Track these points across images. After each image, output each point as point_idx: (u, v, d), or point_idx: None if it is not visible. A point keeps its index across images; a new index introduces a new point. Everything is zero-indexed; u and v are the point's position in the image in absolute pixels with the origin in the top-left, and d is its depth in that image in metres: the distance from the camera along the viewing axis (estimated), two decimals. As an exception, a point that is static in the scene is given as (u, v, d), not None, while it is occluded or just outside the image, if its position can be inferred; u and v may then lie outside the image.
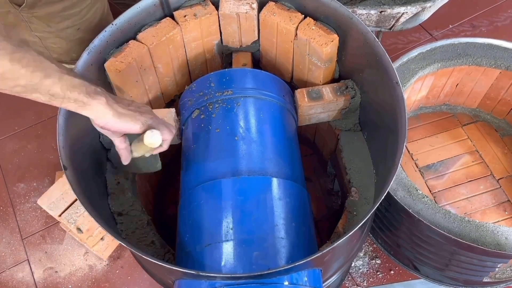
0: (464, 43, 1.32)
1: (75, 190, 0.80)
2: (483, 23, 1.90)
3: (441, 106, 1.53)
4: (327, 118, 1.10)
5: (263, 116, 0.98)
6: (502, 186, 1.39)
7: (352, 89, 1.04)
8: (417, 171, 1.42)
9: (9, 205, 1.54)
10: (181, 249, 0.87)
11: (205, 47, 1.13)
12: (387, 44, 1.84)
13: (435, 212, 1.06)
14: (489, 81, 1.37)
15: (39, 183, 1.57)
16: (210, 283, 0.74)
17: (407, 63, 1.30)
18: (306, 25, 1.02)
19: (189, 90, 1.04)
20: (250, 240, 0.81)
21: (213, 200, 0.86)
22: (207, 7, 1.06)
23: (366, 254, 1.38)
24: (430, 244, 1.12)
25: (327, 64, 1.04)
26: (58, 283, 1.39)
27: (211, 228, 0.84)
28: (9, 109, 1.76)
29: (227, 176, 0.88)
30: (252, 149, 0.92)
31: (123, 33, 1.00)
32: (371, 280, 1.34)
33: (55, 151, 0.81)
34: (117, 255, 1.42)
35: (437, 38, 1.86)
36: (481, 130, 1.49)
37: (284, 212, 0.85)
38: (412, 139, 1.48)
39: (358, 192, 0.99)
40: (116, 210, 0.97)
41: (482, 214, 1.34)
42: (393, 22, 1.23)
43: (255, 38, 1.13)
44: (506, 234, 1.02)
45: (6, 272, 1.42)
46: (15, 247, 1.46)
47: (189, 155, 0.97)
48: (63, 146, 0.83)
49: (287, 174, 0.92)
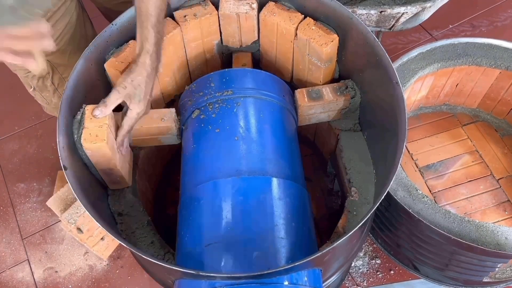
0: (464, 43, 1.32)
1: (75, 190, 0.80)
2: (483, 23, 1.90)
3: (441, 106, 1.53)
4: (327, 118, 1.10)
5: (263, 116, 0.98)
6: (502, 186, 1.39)
7: (352, 89, 1.04)
8: (417, 171, 1.42)
9: (9, 205, 1.54)
10: (181, 249, 0.87)
11: (205, 47, 1.13)
12: (387, 44, 1.84)
13: (435, 212, 1.06)
14: (489, 81, 1.37)
15: (39, 183, 1.57)
16: (210, 283, 0.74)
17: (407, 63, 1.30)
18: (306, 25, 1.02)
19: (189, 90, 1.04)
20: (250, 240, 0.81)
21: (213, 200, 0.86)
22: (207, 7, 1.06)
23: (366, 254, 1.38)
24: (430, 244, 1.12)
25: (327, 64, 1.04)
26: (58, 283, 1.39)
27: (211, 228, 0.84)
28: (9, 109, 1.76)
29: (227, 176, 0.88)
30: (252, 149, 0.92)
31: (123, 33, 1.00)
32: (371, 280, 1.34)
33: (55, 151, 0.81)
34: (117, 255, 1.42)
35: (437, 38, 1.86)
36: (481, 130, 1.49)
37: (284, 212, 0.85)
38: (412, 139, 1.48)
39: (358, 192, 0.99)
40: (116, 210, 0.97)
41: (482, 214, 1.34)
42: (393, 22, 1.23)
43: (255, 38, 1.13)
44: (506, 234, 1.02)
45: (6, 272, 1.42)
46: (15, 247, 1.46)
47: (189, 155, 0.97)
48: (63, 146, 0.83)
49: (287, 174, 0.92)
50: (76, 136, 0.86)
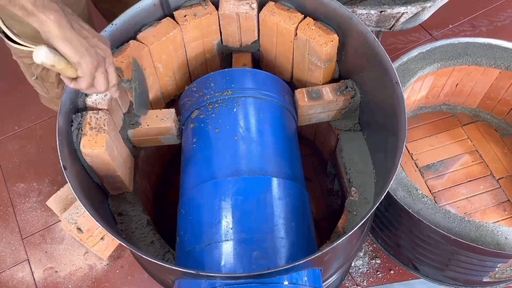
0: (464, 43, 1.32)
1: (75, 190, 0.80)
2: (483, 23, 1.90)
3: (441, 106, 1.53)
4: (327, 118, 1.10)
5: (263, 116, 0.98)
6: (502, 186, 1.39)
7: (352, 89, 1.04)
8: (417, 171, 1.42)
9: (9, 205, 1.54)
10: (181, 249, 0.87)
11: (205, 47, 1.13)
12: (387, 44, 1.84)
13: (435, 212, 1.06)
14: (489, 81, 1.37)
15: (39, 183, 1.57)
16: (210, 283, 0.74)
17: (407, 63, 1.30)
18: (306, 25, 1.02)
19: (189, 90, 1.05)
20: (250, 240, 0.81)
21: (213, 200, 0.86)
22: (207, 7, 1.06)
23: (366, 254, 1.38)
24: (430, 244, 1.12)
25: (327, 64, 1.04)
26: (58, 283, 1.39)
27: (211, 228, 0.84)
28: (9, 109, 1.76)
29: (227, 176, 0.88)
30: (252, 149, 0.92)
31: (123, 33, 1.00)
32: (371, 280, 1.34)
33: (55, 151, 0.81)
34: (117, 255, 1.42)
35: (437, 38, 1.86)
36: (481, 130, 1.49)
37: (284, 212, 0.85)
38: (412, 139, 1.48)
39: (358, 192, 0.99)
40: (116, 210, 0.97)
41: (482, 214, 1.34)
42: (393, 22, 1.23)
43: (255, 38, 1.13)
44: (506, 234, 1.02)
45: (6, 272, 1.42)
46: (15, 247, 1.46)
47: (189, 155, 0.97)
48: (63, 146, 0.83)
49: (287, 174, 0.92)
50: (75, 144, 0.86)
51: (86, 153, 0.85)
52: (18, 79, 1.16)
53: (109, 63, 0.78)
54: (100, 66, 0.76)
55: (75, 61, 0.72)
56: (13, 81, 1.77)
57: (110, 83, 0.80)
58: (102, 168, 0.89)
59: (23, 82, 1.19)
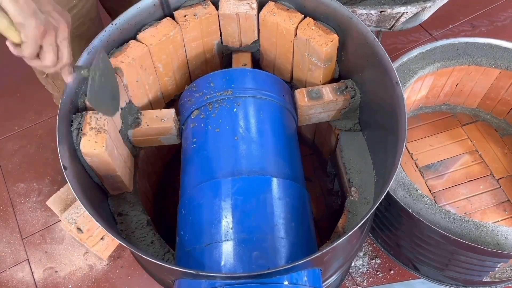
0: (464, 43, 1.32)
1: (75, 190, 0.80)
2: (483, 23, 1.90)
3: (441, 106, 1.53)
4: (327, 118, 1.10)
5: (263, 116, 0.98)
6: (502, 186, 1.39)
7: (352, 89, 1.04)
8: (417, 171, 1.42)
9: (9, 205, 1.54)
10: (181, 249, 0.87)
11: (205, 47, 1.13)
12: (387, 44, 1.84)
13: (435, 212, 1.06)
14: (489, 81, 1.37)
15: (39, 183, 1.57)
16: (210, 283, 0.74)
17: (407, 63, 1.30)
18: (306, 25, 1.02)
19: (189, 90, 1.05)
20: (250, 240, 0.81)
21: (213, 200, 0.86)
22: (207, 7, 1.06)
23: (366, 254, 1.38)
24: (430, 244, 1.12)
25: (326, 64, 1.04)
26: (58, 283, 1.39)
27: (211, 227, 0.84)
28: (9, 109, 1.76)
29: (227, 176, 0.88)
30: (252, 149, 0.92)
31: (123, 33, 1.00)
32: (371, 280, 1.34)
33: (55, 151, 0.81)
34: (117, 255, 1.42)
35: (437, 38, 1.86)
36: (481, 130, 1.49)
37: (284, 212, 0.85)
38: (412, 139, 1.48)
39: (358, 192, 0.99)
40: (116, 210, 0.97)
41: (482, 214, 1.34)
42: (393, 22, 1.23)
43: (255, 38, 1.13)
44: (506, 234, 1.02)
45: (6, 272, 1.42)
46: (15, 247, 1.46)
47: (189, 155, 0.97)
48: (63, 146, 0.83)
49: (287, 174, 0.92)
50: (75, 144, 0.86)
51: (86, 153, 0.85)
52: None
53: (62, 37, 0.71)
54: (49, 35, 0.68)
55: (18, 21, 0.65)
56: (13, 81, 1.77)
57: (60, 60, 0.73)
58: (102, 168, 0.89)
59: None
